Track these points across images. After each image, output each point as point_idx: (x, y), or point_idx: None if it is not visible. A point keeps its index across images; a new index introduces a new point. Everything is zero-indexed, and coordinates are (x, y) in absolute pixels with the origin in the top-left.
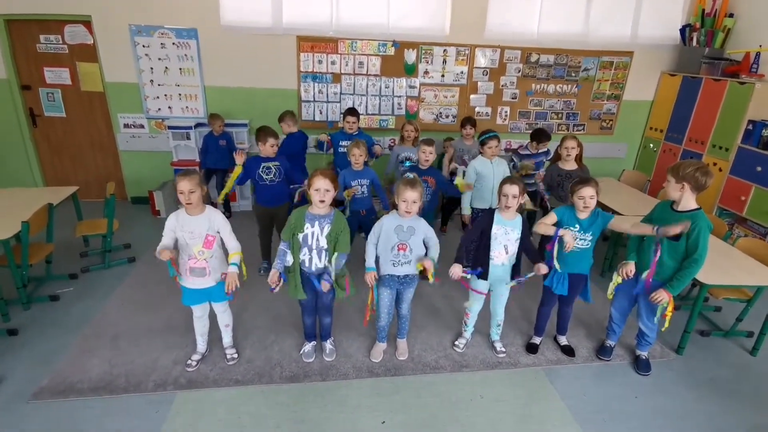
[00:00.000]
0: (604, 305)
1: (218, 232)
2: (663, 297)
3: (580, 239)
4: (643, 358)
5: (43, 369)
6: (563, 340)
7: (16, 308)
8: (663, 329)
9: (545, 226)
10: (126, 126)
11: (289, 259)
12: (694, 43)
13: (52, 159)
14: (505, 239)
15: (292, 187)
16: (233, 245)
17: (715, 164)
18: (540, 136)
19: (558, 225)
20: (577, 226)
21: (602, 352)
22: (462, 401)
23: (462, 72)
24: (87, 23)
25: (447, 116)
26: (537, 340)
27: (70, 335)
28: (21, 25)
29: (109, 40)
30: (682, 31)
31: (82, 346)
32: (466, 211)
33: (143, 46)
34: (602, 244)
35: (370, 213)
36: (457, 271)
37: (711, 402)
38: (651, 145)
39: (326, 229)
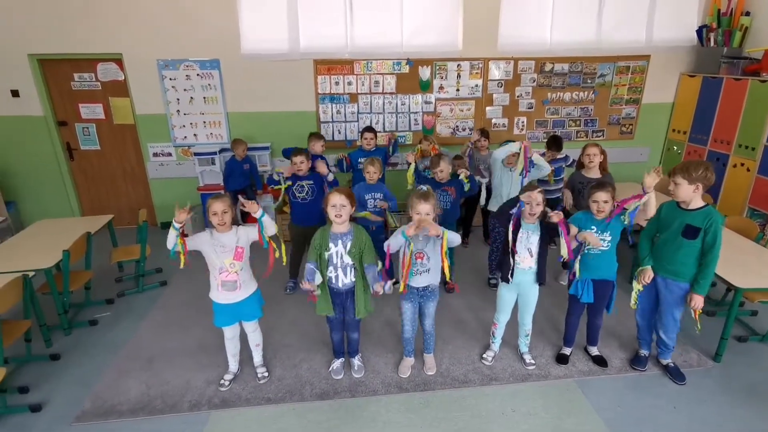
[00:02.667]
0: (633, 313)
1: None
2: (698, 302)
3: (600, 239)
4: (671, 365)
5: (85, 392)
6: (594, 351)
7: (58, 333)
8: (698, 331)
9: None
10: (155, 155)
11: (318, 278)
12: (712, 43)
13: (89, 189)
14: (527, 242)
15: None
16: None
17: (742, 164)
18: (552, 144)
19: (577, 225)
20: (593, 227)
21: (636, 362)
22: (493, 415)
23: (477, 85)
24: (118, 61)
25: (464, 129)
26: (567, 350)
27: (108, 358)
28: (55, 65)
29: (139, 75)
30: (699, 31)
31: (120, 368)
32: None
33: (170, 78)
34: (628, 250)
35: (379, 231)
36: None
37: (750, 409)
38: (675, 147)
39: (348, 246)
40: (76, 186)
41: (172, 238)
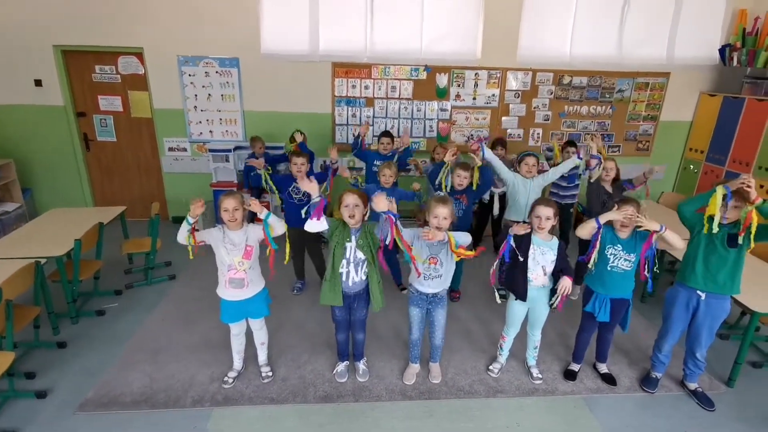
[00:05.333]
0: (645, 331)
1: (255, 243)
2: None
3: (624, 260)
4: (699, 390)
5: (89, 381)
6: (603, 368)
7: (65, 322)
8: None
9: (587, 226)
10: (170, 149)
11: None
12: (735, 62)
13: (102, 180)
14: (542, 260)
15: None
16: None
17: (761, 186)
18: (567, 145)
19: (601, 240)
20: (619, 246)
21: (647, 383)
22: (498, 428)
23: (494, 95)
24: (139, 55)
25: (479, 138)
26: (576, 367)
27: (114, 349)
28: (77, 56)
29: (159, 70)
30: (722, 50)
31: (125, 359)
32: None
33: (189, 75)
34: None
35: (394, 250)
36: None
37: None
38: (691, 166)
39: (357, 240)
40: (90, 176)
41: (183, 232)
